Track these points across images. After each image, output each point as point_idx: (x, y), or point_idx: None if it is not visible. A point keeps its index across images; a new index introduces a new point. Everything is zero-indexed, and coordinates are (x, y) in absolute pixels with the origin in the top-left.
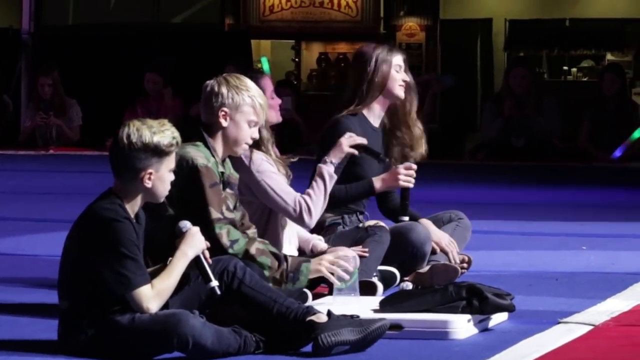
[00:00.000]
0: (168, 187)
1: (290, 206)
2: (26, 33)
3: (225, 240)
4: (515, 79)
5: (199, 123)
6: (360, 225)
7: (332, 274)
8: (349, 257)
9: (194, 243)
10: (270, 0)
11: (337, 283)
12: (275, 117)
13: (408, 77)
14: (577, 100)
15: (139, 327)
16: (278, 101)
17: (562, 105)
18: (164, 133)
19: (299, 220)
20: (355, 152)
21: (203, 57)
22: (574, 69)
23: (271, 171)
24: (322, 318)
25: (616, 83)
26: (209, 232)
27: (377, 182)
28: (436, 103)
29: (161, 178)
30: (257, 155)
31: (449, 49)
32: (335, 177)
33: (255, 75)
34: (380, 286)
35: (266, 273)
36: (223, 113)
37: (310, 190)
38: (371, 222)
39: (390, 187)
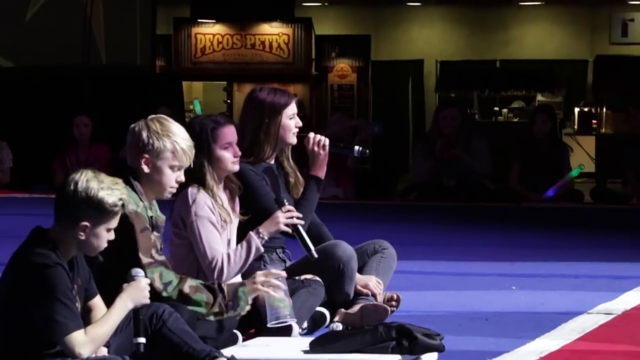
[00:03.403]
0: (103, 244)
1: (208, 259)
2: None
3: (158, 284)
4: (445, 120)
5: (127, 167)
6: (297, 277)
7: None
8: (280, 275)
9: (136, 296)
10: (201, 42)
11: (271, 293)
12: (234, 168)
13: (300, 123)
14: (507, 140)
15: None
16: (239, 153)
17: (493, 146)
18: (111, 191)
19: (209, 273)
20: (289, 230)
21: (134, 99)
22: (504, 110)
23: (208, 218)
24: None
25: (547, 124)
26: None
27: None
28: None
29: (97, 234)
30: (202, 198)
31: (381, 90)
32: (262, 250)
33: (218, 122)
34: (295, 327)
35: (203, 310)
36: (144, 159)
37: (231, 254)
38: (308, 276)
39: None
